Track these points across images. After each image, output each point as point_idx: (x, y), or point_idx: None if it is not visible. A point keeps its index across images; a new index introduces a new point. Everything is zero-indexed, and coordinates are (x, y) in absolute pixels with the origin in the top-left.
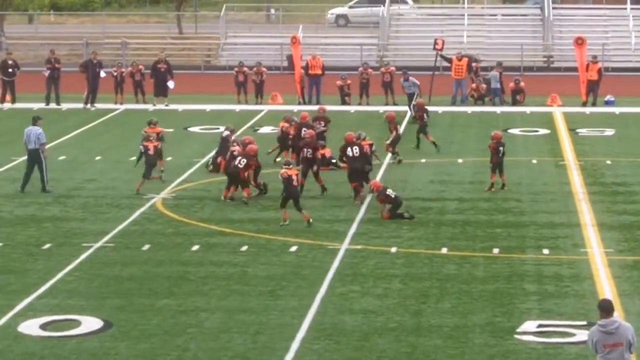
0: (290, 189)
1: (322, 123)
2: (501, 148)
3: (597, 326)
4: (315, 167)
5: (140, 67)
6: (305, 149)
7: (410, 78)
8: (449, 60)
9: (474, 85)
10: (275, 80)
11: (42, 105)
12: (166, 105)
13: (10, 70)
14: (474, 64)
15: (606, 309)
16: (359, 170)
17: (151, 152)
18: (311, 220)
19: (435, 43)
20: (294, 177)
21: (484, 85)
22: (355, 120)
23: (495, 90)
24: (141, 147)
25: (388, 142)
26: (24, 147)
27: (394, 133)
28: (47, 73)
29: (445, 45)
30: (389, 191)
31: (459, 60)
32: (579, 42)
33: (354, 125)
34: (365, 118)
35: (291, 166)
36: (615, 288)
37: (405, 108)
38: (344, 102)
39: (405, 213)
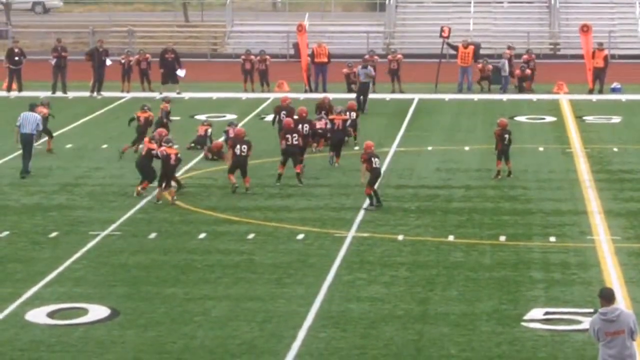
0: (166, 166)
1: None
2: (507, 135)
3: (598, 314)
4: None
5: (147, 55)
6: (289, 135)
7: (369, 67)
8: (455, 48)
9: (479, 66)
10: (282, 68)
11: (48, 93)
12: (178, 93)
13: (16, 58)
14: (507, 51)
15: (607, 297)
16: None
17: (142, 122)
18: (174, 200)
19: (442, 31)
20: (172, 156)
21: (490, 66)
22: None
23: (506, 78)
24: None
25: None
26: (16, 131)
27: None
28: (53, 61)
29: (452, 32)
30: (376, 160)
31: (465, 47)
32: (585, 29)
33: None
34: (372, 106)
35: (170, 144)
36: (622, 275)
37: (408, 96)
38: (350, 90)
39: (375, 203)
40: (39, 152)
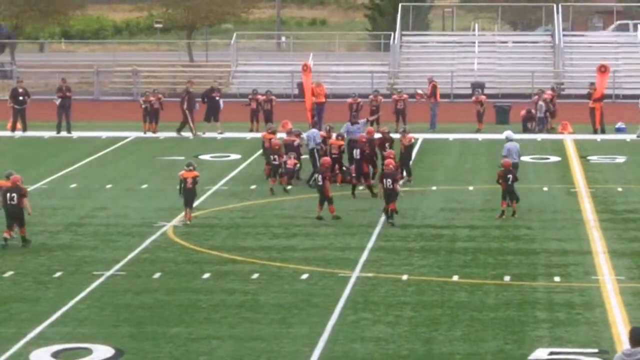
0: (184, 190)
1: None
2: (509, 176)
3: (622, 354)
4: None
5: (160, 95)
6: (385, 180)
7: (361, 121)
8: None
9: (473, 98)
10: (286, 108)
11: (53, 133)
12: (220, 133)
13: (21, 98)
14: (548, 94)
15: (635, 338)
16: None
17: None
18: (190, 221)
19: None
20: (190, 180)
21: (483, 97)
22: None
23: (542, 119)
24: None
25: None
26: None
27: None
28: (58, 101)
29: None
30: (388, 181)
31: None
32: (602, 69)
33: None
34: None
35: (191, 168)
36: (627, 316)
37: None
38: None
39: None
40: (44, 191)
